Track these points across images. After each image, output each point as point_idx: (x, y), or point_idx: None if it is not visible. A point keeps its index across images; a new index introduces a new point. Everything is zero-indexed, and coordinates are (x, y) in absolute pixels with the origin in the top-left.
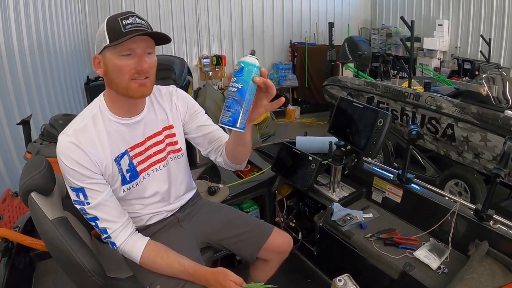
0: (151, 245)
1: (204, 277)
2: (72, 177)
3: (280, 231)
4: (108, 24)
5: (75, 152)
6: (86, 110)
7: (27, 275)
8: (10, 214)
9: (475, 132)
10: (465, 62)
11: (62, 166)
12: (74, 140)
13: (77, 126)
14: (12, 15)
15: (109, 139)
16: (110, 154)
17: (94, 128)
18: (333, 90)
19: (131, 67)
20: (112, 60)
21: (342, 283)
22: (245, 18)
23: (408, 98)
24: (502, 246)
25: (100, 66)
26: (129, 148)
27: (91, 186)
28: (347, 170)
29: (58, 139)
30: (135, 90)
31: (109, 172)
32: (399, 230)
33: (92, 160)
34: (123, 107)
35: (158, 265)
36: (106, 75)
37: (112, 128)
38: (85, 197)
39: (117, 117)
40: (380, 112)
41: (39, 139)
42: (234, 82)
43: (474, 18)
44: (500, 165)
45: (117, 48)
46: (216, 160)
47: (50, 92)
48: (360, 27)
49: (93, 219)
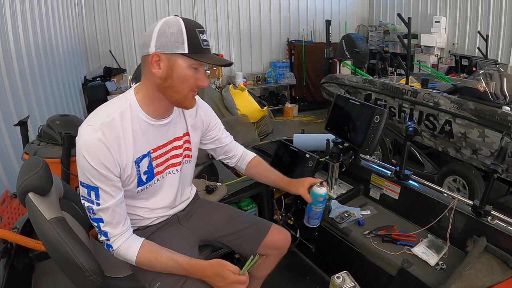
0: (146, 246)
1: (201, 271)
2: (90, 174)
3: (279, 227)
4: (188, 32)
5: (101, 151)
6: (112, 103)
7: (26, 276)
8: (9, 215)
9: (473, 128)
10: (463, 58)
11: (82, 162)
12: (101, 137)
13: (104, 121)
14: (8, 16)
15: (134, 139)
16: (132, 155)
17: (121, 125)
18: (331, 87)
19: (195, 80)
20: (181, 68)
21: (340, 280)
22: (242, 16)
23: (405, 95)
24: (500, 242)
25: (159, 66)
26: (152, 150)
27: (107, 188)
28: (345, 167)
29: (82, 131)
30: (190, 101)
31: (127, 174)
32: (397, 227)
33: (115, 160)
34: (158, 109)
35: (153, 265)
36: (167, 78)
37: (140, 127)
38: (96, 197)
39: (148, 117)
40: (377, 108)
41: (37, 140)
42: (321, 206)
43: (472, 14)
44: (497, 161)
45: (190, 60)
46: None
47: (47, 93)
48: (357, 25)
49: (97, 220)
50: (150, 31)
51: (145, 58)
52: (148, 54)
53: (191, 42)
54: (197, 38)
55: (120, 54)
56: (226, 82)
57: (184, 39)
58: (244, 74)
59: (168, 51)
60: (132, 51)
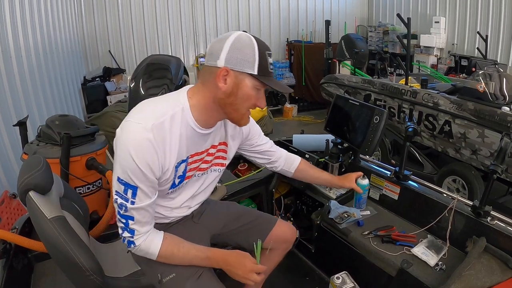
0: (168, 238)
1: (223, 259)
2: (133, 173)
3: (285, 222)
4: (260, 54)
5: (149, 152)
6: (163, 104)
7: (26, 277)
8: (8, 216)
9: (473, 129)
10: (462, 59)
11: (127, 159)
12: (152, 138)
13: (155, 122)
14: (8, 17)
15: (179, 144)
16: (174, 160)
17: (169, 129)
18: (330, 88)
19: (255, 100)
20: (247, 88)
21: (340, 280)
22: (242, 16)
23: (405, 95)
24: (500, 242)
25: (225, 81)
26: (190, 156)
27: (146, 189)
28: (344, 167)
29: (131, 128)
30: (246, 119)
31: (166, 177)
32: (397, 227)
33: (160, 163)
34: (209, 119)
35: (175, 256)
36: (230, 95)
37: (186, 133)
38: (133, 196)
39: (197, 124)
40: (376, 109)
41: (36, 140)
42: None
43: (471, 15)
44: (497, 161)
45: (257, 82)
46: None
47: (46, 93)
48: (356, 25)
49: (127, 218)
50: (221, 43)
51: (211, 69)
52: (216, 66)
53: (261, 64)
54: (266, 61)
55: (120, 54)
56: None
57: (255, 60)
58: None
59: (237, 68)
60: (131, 51)
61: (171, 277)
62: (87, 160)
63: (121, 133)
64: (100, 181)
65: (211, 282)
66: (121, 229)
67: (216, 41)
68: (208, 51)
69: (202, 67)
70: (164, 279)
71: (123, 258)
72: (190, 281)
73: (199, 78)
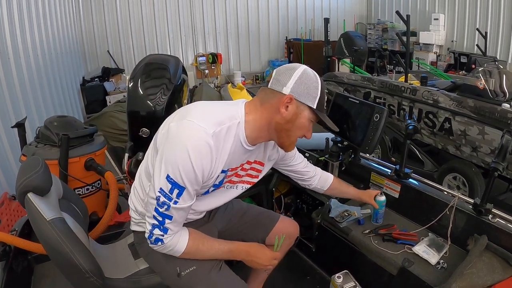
0: (192, 234)
1: (245, 251)
2: (186, 174)
3: (287, 218)
4: (321, 91)
5: (207, 156)
6: (225, 112)
7: (25, 279)
8: (8, 218)
9: (473, 126)
10: (462, 55)
11: (184, 159)
12: (212, 144)
13: (216, 129)
14: (5, 17)
15: (228, 156)
16: (220, 169)
17: (223, 139)
18: (330, 86)
19: (306, 131)
20: (304, 119)
21: (341, 280)
22: (240, 15)
23: (404, 92)
24: (501, 240)
25: (287, 108)
26: (230, 169)
27: (192, 191)
28: (344, 166)
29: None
30: (293, 146)
31: (209, 183)
32: (398, 226)
33: (211, 170)
34: (258, 138)
35: (199, 251)
36: (288, 122)
37: (235, 147)
38: (178, 196)
39: (246, 141)
40: (376, 107)
41: (34, 142)
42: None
43: (470, 11)
44: (498, 158)
45: (313, 116)
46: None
47: (45, 94)
48: (355, 22)
49: (165, 216)
50: (289, 73)
51: (275, 93)
52: (282, 92)
53: (320, 100)
54: (324, 98)
55: (118, 54)
56: (224, 81)
57: (317, 96)
58: (243, 73)
59: (301, 99)
60: (130, 51)
61: (192, 270)
62: (86, 161)
63: (178, 130)
64: (99, 182)
65: (230, 272)
66: (152, 226)
67: (283, 69)
68: (275, 76)
69: (262, 88)
70: (184, 272)
71: (123, 259)
72: (214, 272)
73: (257, 96)
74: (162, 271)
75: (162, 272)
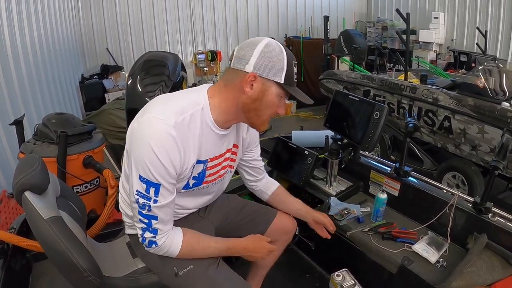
0: (187, 234)
1: (242, 247)
2: (156, 170)
3: (284, 214)
4: (288, 63)
5: (172, 148)
6: (184, 101)
7: (24, 277)
8: (6, 216)
9: (472, 124)
10: (461, 54)
11: (150, 157)
12: (175, 135)
13: (177, 119)
14: (4, 15)
15: (199, 144)
16: (194, 158)
17: (189, 127)
18: (329, 83)
19: (277, 108)
20: (272, 96)
21: (340, 278)
22: (240, 12)
23: (404, 91)
24: (501, 239)
25: (252, 86)
26: (209, 159)
27: (168, 186)
28: (344, 164)
29: (153, 123)
30: (265, 125)
31: (183, 175)
32: (397, 224)
33: (181, 160)
34: (228, 121)
35: (195, 251)
36: (255, 101)
37: (205, 133)
38: (156, 194)
39: (215, 125)
40: (377, 104)
41: (33, 139)
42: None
43: (470, 10)
44: (498, 157)
45: (282, 91)
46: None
47: (44, 91)
48: (355, 20)
49: (150, 217)
50: (250, 48)
51: (238, 73)
52: (244, 71)
53: (288, 73)
54: (292, 71)
55: (117, 52)
56: None
57: (283, 69)
58: None
59: (266, 75)
60: (129, 48)
61: (189, 269)
62: (84, 159)
63: (139, 128)
64: (98, 180)
65: (228, 269)
66: (141, 229)
67: (245, 45)
68: (236, 54)
69: (226, 68)
70: (181, 271)
71: (122, 257)
72: (211, 269)
73: (221, 78)
74: (160, 272)
75: (160, 273)
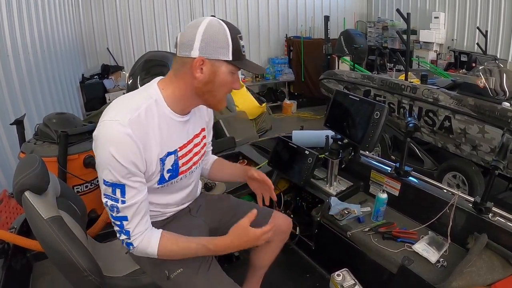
0: (165, 236)
1: (225, 246)
2: (117, 171)
3: (280, 213)
4: (232, 38)
5: (129, 147)
6: (135, 98)
7: (24, 276)
8: (7, 215)
9: (473, 124)
10: (462, 54)
11: (108, 159)
12: (130, 132)
13: (131, 116)
14: (4, 14)
15: (160, 135)
16: (159, 152)
17: (146, 121)
18: (330, 83)
19: (231, 84)
20: (224, 75)
21: (341, 278)
22: (240, 12)
23: (405, 90)
24: (501, 238)
25: (201, 70)
26: (179, 148)
27: (133, 184)
28: (344, 163)
29: (108, 126)
30: (223, 103)
31: (152, 171)
32: (398, 224)
33: (142, 157)
34: (186, 107)
35: (175, 252)
36: (208, 83)
37: (166, 124)
38: (122, 195)
39: (173, 113)
40: (377, 104)
41: (33, 139)
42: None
43: (471, 10)
44: (498, 157)
45: (233, 67)
46: None
47: (45, 91)
48: (356, 20)
49: (120, 219)
50: (192, 32)
51: (185, 60)
52: (190, 57)
53: (234, 49)
54: (238, 44)
55: (118, 52)
56: None
57: (229, 45)
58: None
59: (213, 57)
60: (129, 48)
61: (179, 272)
62: (85, 158)
63: (98, 134)
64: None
65: (220, 272)
66: (118, 232)
67: (187, 30)
68: (179, 41)
69: (173, 57)
70: (172, 274)
71: (122, 257)
72: (201, 272)
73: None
74: (153, 274)
75: (153, 275)
